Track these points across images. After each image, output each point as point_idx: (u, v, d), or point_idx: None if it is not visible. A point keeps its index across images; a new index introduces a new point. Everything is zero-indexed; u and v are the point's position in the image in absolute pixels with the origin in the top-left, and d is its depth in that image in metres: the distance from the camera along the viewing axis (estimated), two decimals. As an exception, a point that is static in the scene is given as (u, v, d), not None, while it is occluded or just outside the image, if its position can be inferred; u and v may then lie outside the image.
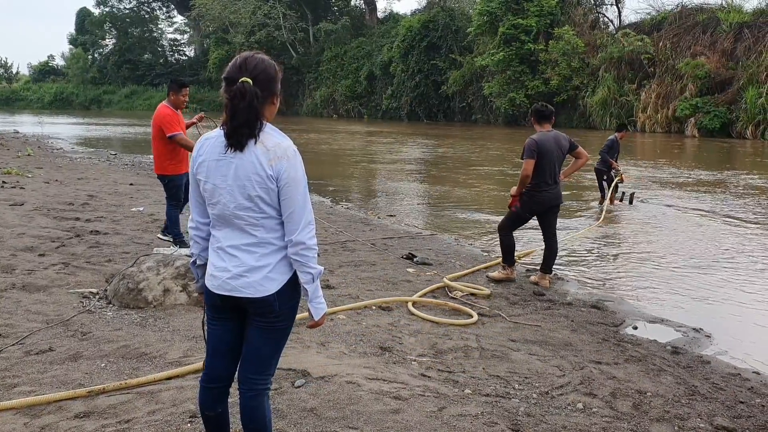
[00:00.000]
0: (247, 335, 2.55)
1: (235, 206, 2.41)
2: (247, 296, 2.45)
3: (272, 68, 2.44)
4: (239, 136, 2.35)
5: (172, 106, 6.80)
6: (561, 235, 7.72)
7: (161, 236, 7.31)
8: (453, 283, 6.07)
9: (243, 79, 2.34)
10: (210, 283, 2.52)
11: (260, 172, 2.36)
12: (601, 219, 10.13)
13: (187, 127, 7.10)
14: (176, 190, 6.96)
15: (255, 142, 2.36)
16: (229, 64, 2.44)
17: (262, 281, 2.44)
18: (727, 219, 10.17)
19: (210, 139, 2.47)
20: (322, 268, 2.51)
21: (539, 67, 36.17)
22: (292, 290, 2.51)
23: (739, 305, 5.97)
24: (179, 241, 6.99)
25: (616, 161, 11.49)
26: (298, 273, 2.46)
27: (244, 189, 2.38)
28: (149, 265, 5.35)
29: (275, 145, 2.38)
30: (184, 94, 6.87)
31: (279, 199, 2.40)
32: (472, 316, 5.19)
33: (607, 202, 11.02)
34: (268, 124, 2.43)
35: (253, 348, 2.53)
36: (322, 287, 6.04)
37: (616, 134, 11.79)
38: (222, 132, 2.40)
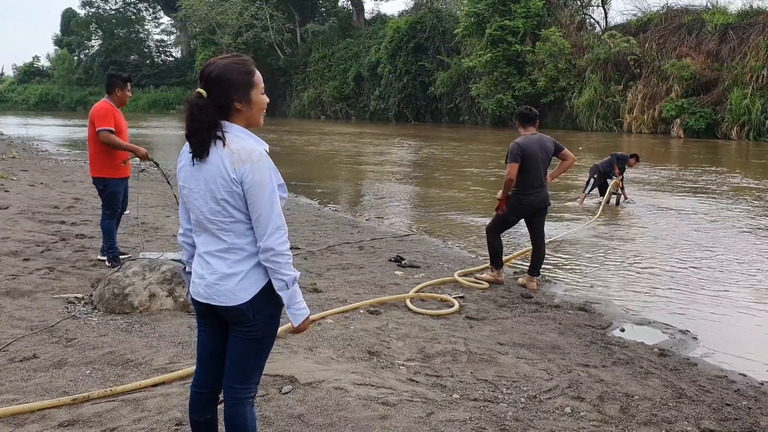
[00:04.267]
0: (228, 343, 2.53)
1: (207, 210, 2.40)
2: (221, 305, 2.43)
3: (233, 72, 2.36)
4: (192, 146, 2.37)
5: (114, 104, 6.20)
6: (561, 231, 7.83)
7: (100, 257, 6.53)
8: (461, 279, 6.39)
9: (198, 89, 2.35)
10: (192, 290, 2.53)
11: (224, 175, 2.33)
12: (598, 215, 10.43)
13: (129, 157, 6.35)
14: (112, 197, 6.30)
15: (223, 145, 2.34)
16: None
17: (234, 289, 2.40)
18: (715, 220, 10.23)
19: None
20: (298, 273, 2.45)
21: (526, 69, 36.26)
22: (268, 298, 2.44)
23: (726, 307, 6.00)
24: (113, 257, 6.32)
25: (621, 173, 11.77)
26: (272, 279, 2.40)
27: (212, 193, 2.37)
28: (135, 269, 5.30)
29: (240, 148, 2.35)
30: (129, 89, 6.28)
31: (246, 203, 2.38)
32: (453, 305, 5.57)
33: (618, 198, 11.73)
34: (237, 126, 2.40)
35: (234, 357, 2.51)
36: (309, 291, 5.92)
37: (630, 159, 11.96)
38: None
